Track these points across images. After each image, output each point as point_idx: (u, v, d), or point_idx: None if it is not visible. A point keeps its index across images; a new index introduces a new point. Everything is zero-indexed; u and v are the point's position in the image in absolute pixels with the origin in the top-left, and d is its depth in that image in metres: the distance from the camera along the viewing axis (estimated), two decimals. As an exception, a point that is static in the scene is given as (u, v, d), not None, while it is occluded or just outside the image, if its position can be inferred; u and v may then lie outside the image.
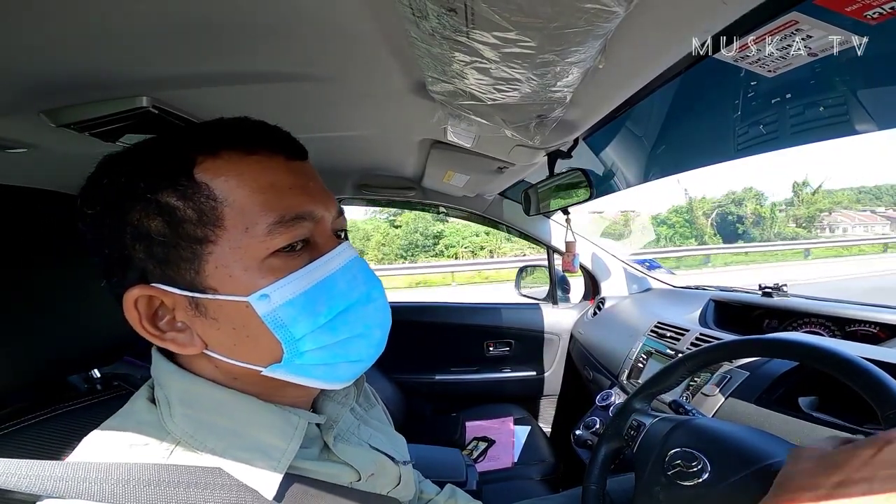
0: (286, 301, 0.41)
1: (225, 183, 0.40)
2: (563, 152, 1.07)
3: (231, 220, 0.40)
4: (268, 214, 0.41)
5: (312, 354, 0.43)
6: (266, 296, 0.41)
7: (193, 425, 0.42)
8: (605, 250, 2.04)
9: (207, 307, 0.41)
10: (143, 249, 0.40)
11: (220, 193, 0.40)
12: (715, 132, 1.18)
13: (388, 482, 0.55)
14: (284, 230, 0.41)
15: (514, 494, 1.16)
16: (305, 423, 0.45)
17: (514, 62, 0.53)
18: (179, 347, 0.42)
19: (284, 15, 0.51)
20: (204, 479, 0.39)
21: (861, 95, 0.81)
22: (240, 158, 0.42)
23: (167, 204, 0.40)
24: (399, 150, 1.34)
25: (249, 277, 0.41)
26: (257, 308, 0.41)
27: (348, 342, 0.45)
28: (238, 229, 0.40)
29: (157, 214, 0.40)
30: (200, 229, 0.40)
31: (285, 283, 0.41)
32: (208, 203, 0.40)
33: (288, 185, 0.43)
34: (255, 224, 0.41)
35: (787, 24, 0.50)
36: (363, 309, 0.46)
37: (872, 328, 0.98)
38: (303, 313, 0.42)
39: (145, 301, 0.41)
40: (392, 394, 1.90)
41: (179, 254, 0.40)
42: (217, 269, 0.41)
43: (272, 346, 0.42)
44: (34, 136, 0.76)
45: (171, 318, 0.42)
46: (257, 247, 0.41)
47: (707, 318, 1.37)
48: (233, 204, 0.40)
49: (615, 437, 0.76)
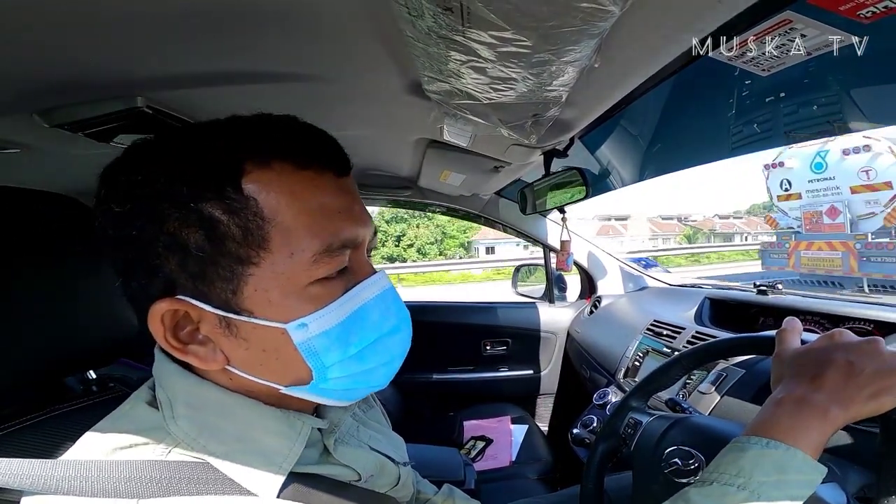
0: (323, 331, 0.40)
1: (274, 200, 0.38)
2: (559, 151, 1.07)
3: (276, 242, 0.38)
4: (314, 241, 0.39)
5: (338, 381, 0.43)
6: (304, 325, 0.40)
7: (197, 428, 0.41)
8: (602, 249, 2.05)
9: (239, 328, 0.40)
10: (176, 261, 0.38)
11: (269, 212, 0.38)
12: (710, 131, 1.19)
13: (387, 483, 0.55)
14: (330, 259, 0.40)
15: (512, 493, 1.16)
16: (309, 428, 0.45)
17: (510, 61, 0.53)
18: (201, 362, 0.40)
19: (279, 14, 0.51)
20: (205, 475, 0.39)
21: (855, 94, 0.81)
22: (291, 172, 0.39)
23: (211, 216, 0.37)
24: (395, 150, 1.34)
25: (289, 304, 0.39)
26: (294, 336, 0.40)
27: (373, 371, 0.45)
28: (283, 253, 0.38)
29: (199, 227, 0.37)
30: (244, 249, 0.38)
31: (324, 313, 0.40)
32: (255, 221, 0.37)
33: (336, 209, 0.41)
34: (301, 250, 0.39)
35: (780, 23, 0.50)
36: (390, 339, 0.46)
37: (868, 325, 0.99)
38: (336, 343, 0.41)
39: (171, 314, 0.39)
40: (390, 394, 1.90)
41: (217, 272, 0.38)
42: (256, 293, 0.39)
43: (300, 370, 0.41)
44: (28, 136, 0.75)
45: (193, 329, 0.40)
46: (300, 274, 0.39)
47: (703, 316, 1.38)
48: (280, 225, 0.38)
49: (612, 435, 0.76)
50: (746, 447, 0.45)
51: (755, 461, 0.44)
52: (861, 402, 0.44)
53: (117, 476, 0.36)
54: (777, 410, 0.47)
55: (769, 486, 0.42)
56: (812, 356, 0.50)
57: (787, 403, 0.47)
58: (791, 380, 0.49)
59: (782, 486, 0.42)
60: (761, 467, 0.43)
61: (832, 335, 0.51)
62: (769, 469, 0.43)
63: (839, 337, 0.50)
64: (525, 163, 1.20)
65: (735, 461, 0.45)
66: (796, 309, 1.15)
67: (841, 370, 0.46)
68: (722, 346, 0.71)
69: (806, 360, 0.50)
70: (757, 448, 0.44)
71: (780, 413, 0.46)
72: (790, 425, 0.45)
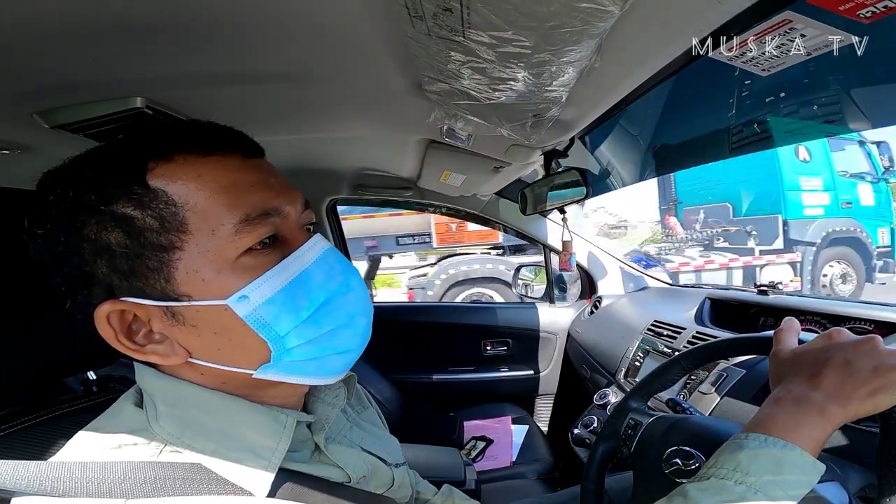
0: (266, 299, 0.40)
1: (183, 186, 0.39)
2: (560, 151, 1.07)
3: (195, 223, 0.39)
4: (233, 214, 0.40)
5: (300, 350, 0.42)
6: (245, 297, 0.40)
7: (179, 426, 0.41)
8: (602, 249, 2.05)
9: (185, 315, 0.40)
10: (105, 264, 0.39)
11: (180, 198, 0.39)
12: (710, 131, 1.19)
13: (381, 484, 0.55)
14: (252, 228, 0.40)
15: (512, 494, 1.16)
16: (294, 422, 0.45)
17: (510, 62, 0.53)
18: (162, 359, 0.41)
19: (280, 15, 0.51)
20: (198, 475, 0.39)
21: (855, 94, 0.81)
22: (195, 160, 0.40)
23: (124, 214, 0.38)
24: (395, 150, 1.34)
25: (224, 280, 0.40)
26: (237, 310, 0.40)
27: (334, 333, 0.44)
28: (204, 232, 0.39)
29: (115, 226, 0.38)
30: (164, 236, 0.39)
31: (262, 281, 0.40)
32: (168, 209, 0.39)
33: (249, 183, 0.42)
34: (220, 225, 0.39)
35: (780, 23, 0.50)
36: (344, 298, 0.45)
37: (868, 326, 0.99)
38: (284, 309, 0.41)
39: (117, 316, 0.40)
40: (390, 394, 1.90)
41: (145, 264, 0.39)
42: (188, 275, 0.39)
43: (258, 346, 0.41)
44: (28, 137, 0.75)
45: (147, 330, 0.41)
46: (227, 247, 0.40)
47: (703, 316, 1.38)
48: (194, 207, 0.39)
49: (612, 435, 0.76)
50: (745, 443, 0.45)
51: (753, 457, 0.44)
52: (859, 400, 0.44)
53: (106, 477, 0.37)
54: (776, 408, 0.47)
55: (767, 482, 0.42)
56: (810, 355, 0.50)
57: (785, 402, 0.47)
58: (789, 379, 0.49)
59: (780, 482, 0.42)
60: (759, 463, 0.43)
61: (830, 334, 0.51)
62: (767, 465, 0.43)
63: (837, 336, 0.50)
64: (525, 163, 1.20)
65: (733, 457, 0.45)
66: (796, 309, 1.15)
67: (839, 369, 0.46)
68: (721, 347, 0.71)
69: (804, 360, 0.50)
70: (755, 444, 0.44)
71: (779, 411, 0.46)
72: (789, 423, 0.45)
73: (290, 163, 1.41)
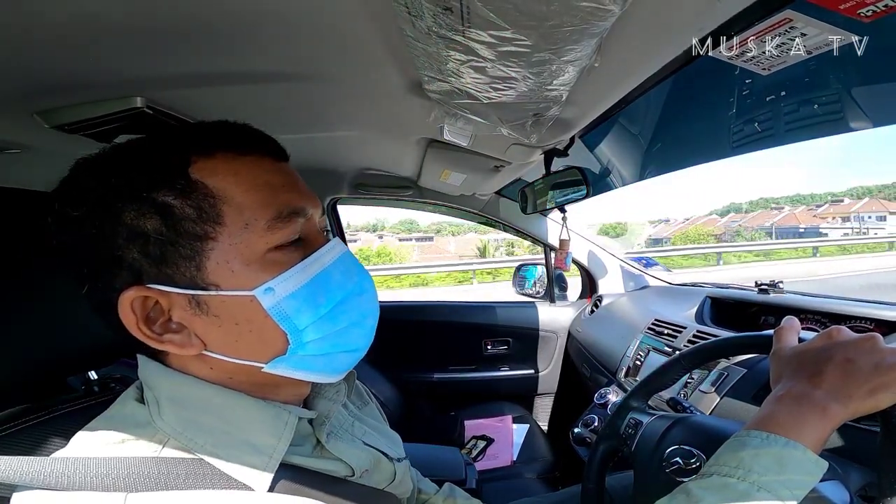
0: (290, 293, 0.43)
1: (222, 181, 0.41)
2: (560, 150, 1.07)
3: (230, 216, 0.41)
4: (266, 210, 0.42)
5: (314, 345, 0.44)
6: (271, 289, 0.42)
7: (182, 423, 0.41)
8: (602, 248, 2.05)
9: (209, 304, 0.42)
10: (137, 249, 0.40)
11: (218, 191, 0.41)
12: (710, 130, 1.19)
13: (383, 479, 0.55)
14: (283, 225, 0.43)
15: (513, 493, 1.16)
16: (296, 419, 0.45)
17: (510, 61, 0.53)
18: (177, 348, 0.42)
19: (279, 15, 0.51)
20: (199, 470, 0.39)
21: (855, 93, 0.81)
22: (234, 158, 0.43)
23: (164, 202, 0.40)
24: (395, 150, 1.34)
25: (252, 272, 0.42)
26: (263, 301, 0.42)
27: (346, 331, 0.46)
28: (238, 225, 0.41)
29: (155, 213, 0.40)
30: (200, 226, 0.41)
31: (288, 276, 0.43)
32: (207, 200, 0.41)
33: (280, 183, 0.45)
34: (254, 220, 0.42)
35: (781, 22, 0.50)
36: (357, 299, 0.48)
37: (869, 324, 0.99)
38: (305, 304, 0.43)
39: (140, 302, 0.41)
40: (391, 393, 1.90)
41: (178, 251, 0.40)
42: (219, 266, 0.41)
43: (276, 338, 0.43)
44: (28, 137, 0.75)
45: (165, 319, 0.42)
46: (258, 242, 0.42)
47: (704, 315, 1.38)
48: (231, 201, 0.41)
49: (613, 435, 0.76)
50: (747, 441, 0.45)
51: (755, 454, 0.44)
52: (860, 398, 0.45)
53: (107, 472, 0.37)
54: (777, 407, 0.47)
55: (769, 480, 0.42)
56: (810, 354, 0.50)
57: (786, 400, 0.47)
58: (790, 377, 0.49)
59: (783, 480, 0.42)
60: (761, 461, 0.43)
61: (830, 333, 0.51)
62: (769, 462, 0.43)
63: (837, 334, 0.50)
64: (525, 162, 1.20)
65: (735, 454, 0.45)
66: (797, 308, 1.15)
67: (839, 367, 0.46)
68: (722, 346, 0.71)
69: (804, 358, 0.50)
70: (757, 442, 0.45)
71: (781, 409, 0.47)
72: (790, 421, 0.45)
73: (291, 162, 1.40)
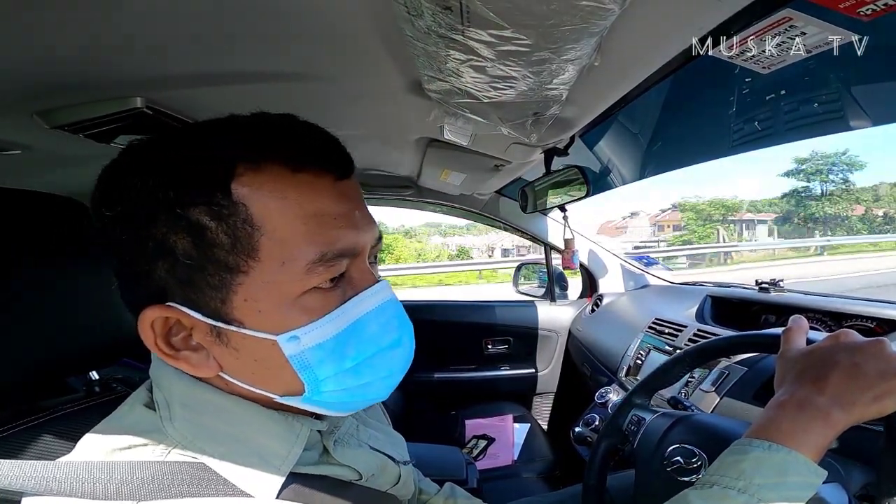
0: (316, 344, 0.39)
1: (265, 207, 0.36)
2: (560, 150, 1.07)
3: (267, 250, 0.36)
4: (309, 250, 0.37)
5: (332, 395, 0.41)
6: (296, 338, 0.38)
7: (193, 429, 0.41)
8: (603, 247, 2.04)
9: (230, 338, 0.39)
10: (165, 267, 0.37)
11: (259, 219, 0.36)
12: (711, 128, 1.19)
13: (388, 481, 0.55)
14: (325, 269, 0.38)
15: (514, 492, 1.16)
16: (307, 431, 0.44)
17: (509, 60, 0.53)
18: (193, 368, 0.40)
19: (279, 14, 0.51)
20: (206, 476, 0.39)
21: (855, 91, 0.81)
22: (285, 176, 0.37)
23: (198, 223, 0.36)
24: (395, 149, 1.34)
25: (281, 316, 0.38)
26: (285, 349, 0.38)
27: (370, 385, 0.43)
28: (274, 262, 0.37)
29: (186, 233, 0.36)
30: (233, 257, 0.36)
31: (317, 325, 0.39)
32: (244, 229, 0.36)
33: (334, 215, 0.39)
34: (293, 259, 0.37)
35: (780, 20, 0.50)
36: (390, 353, 0.44)
37: (870, 323, 0.99)
38: (331, 357, 0.40)
39: (162, 321, 0.39)
40: (391, 393, 1.89)
41: (206, 279, 0.37)
42: (246, 303, 0.38)
43: (293, 381, 0.40)
44: (28, 137, 0.75)
45: (186, 335, 0.40)
46: (292, 284, 0.38)
47: (704, 314, 1.38)
48: (271, 233, 0.36)
49: (615, 433, 0.76)
50: (748, 450, 0.45)
51: (756, 464, 0.44)
52: (864, 405, 0.44)
53: (116, 477, 0.36)
54: (779, 413, 0.47)
55: (769, 490, 0.42)
56: (816, 357, 0.49)
57: (789, 406, 0.47)
58: (794, 381, 0.49)
59: (782, 489, 0.42)
60: (762, 470, 0.43)
61: (838, 336, 0.51)
62: (770, 472, 0.43)
63: (844, 338, 0.50)
64: (525, 161, 1.20)
65: (736, 464, 0.45)
66: (798, 306, 1.14)
67: (845, 372, 0.46)
68: (726, 344, 0.71)
69: (810, 362, 0.49)
70: (758, 451, 0.44)
71: (783, 416, 0.46)
72: (792, 428, 0.45)
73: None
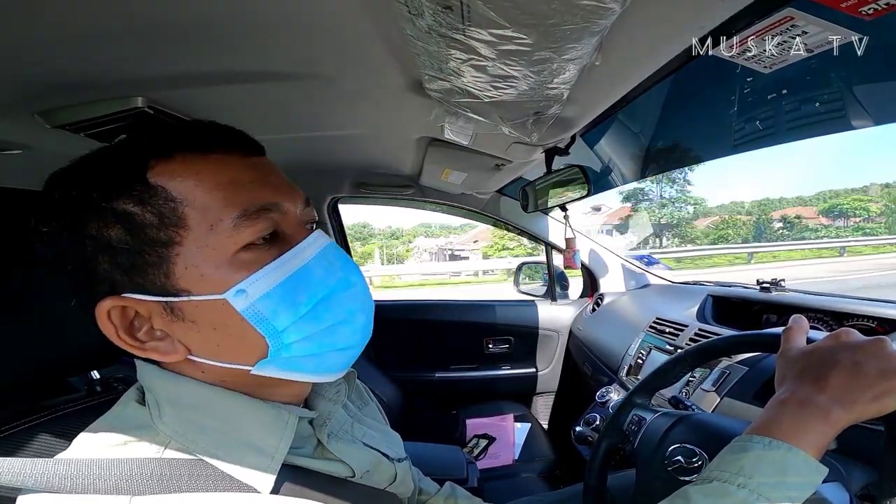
0: (263, 294, 0.41)
1: (182, 184, 0.40)
2: (561, 149, 1.07)
3: (194, 219, 0.40)
4: (231, 209, 0.40)
5: (298, 346, 0.43)
6: (242, 291, 0.40)
7: (183, 425, 0.41)
8: (603, 247, 2.04)
9: (184, 310, 0.41)
10: (107, 260, 0.39)
11: (179, 194, 0.40)
12: (712, 128, 1.19)
13: (384, 479, 0.55)
14: (250, 223, 0.41)
15: (514, 492, 1.16)
16: (296, 419, 0.45)
17: (510, 59, 0.53)
18: (162, 356, 0.42)
19: (280, 14, 0.51)
20: (203, 471, 0.40)
21: (857, 91, 0.81)
22: (196, 159, 0.41)
23: (124, 211, 0.39)
24: (396, 148, 1.34)
25: (222, 274, 0.40)
26: (235, 304, 0.40)
27: (333, 329, 0.44)
28: (203, 228, 0.40)
29: (116, 222, 0.39)
30: (163, 232, 0.39)
31: (260, 275, 0.41)
32: (167, 205, 0.39)
33: (248, 180, 0.42)
34: (219, 220, 0.40)
35: (782, 20, 0.50)
36: (344, 294, 0.45)
37: (871, 323, 0.99)
38: (282, 304, 0.41)
39: (118, 312, 0.41)
40: (392, 392, 1.90)
41: (145, 259, 0.39)
42: (187, 270, 0.40)
43: (256, 341, 0.42)
44: (29, 137, 0.75)
45: (148, 327, 0.42)
46: (225, 242, 0.40)
47: (705, 314, 1.37)
48: (193, 203, 0.40)
49: (616, 432, 0.76)
50: (748, 447, 0.45)
51: (756, 461, 0.44)
52: (864, 403, 0.44)
53: (111, 473, 0.37)
54: (780, 411, 0.47)
55: (769, 486, 0.42)
56: (817, 356, 0.49)
57: (790, 404, 0.47)
58: (795, 380, 0.49)
59: (782, 486, 0.42)
60: (762, 467, 0.43)
61: (838, 335, 0.51)
62: (770, 469, 0.43)
63: (845, 337, 0.50)
64: (526, 161, 1.20)
65: (736, 460, 0.45)
66: (799, 306, 1.14)
67: (845, 371, 0.46)
68: (727, 343, 0.71)
69: (811, 361, 0.49)
70: (758, 448, 0.44)
71: (783, 413, 0.46)
72: (792, 426, 0.45)
73: (292, 161, 1.41)
